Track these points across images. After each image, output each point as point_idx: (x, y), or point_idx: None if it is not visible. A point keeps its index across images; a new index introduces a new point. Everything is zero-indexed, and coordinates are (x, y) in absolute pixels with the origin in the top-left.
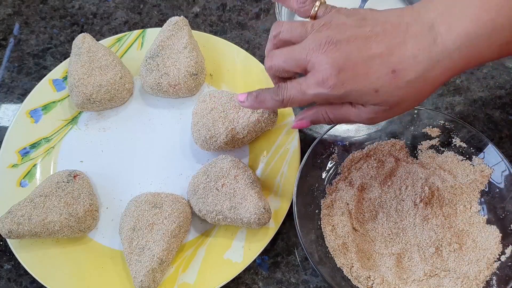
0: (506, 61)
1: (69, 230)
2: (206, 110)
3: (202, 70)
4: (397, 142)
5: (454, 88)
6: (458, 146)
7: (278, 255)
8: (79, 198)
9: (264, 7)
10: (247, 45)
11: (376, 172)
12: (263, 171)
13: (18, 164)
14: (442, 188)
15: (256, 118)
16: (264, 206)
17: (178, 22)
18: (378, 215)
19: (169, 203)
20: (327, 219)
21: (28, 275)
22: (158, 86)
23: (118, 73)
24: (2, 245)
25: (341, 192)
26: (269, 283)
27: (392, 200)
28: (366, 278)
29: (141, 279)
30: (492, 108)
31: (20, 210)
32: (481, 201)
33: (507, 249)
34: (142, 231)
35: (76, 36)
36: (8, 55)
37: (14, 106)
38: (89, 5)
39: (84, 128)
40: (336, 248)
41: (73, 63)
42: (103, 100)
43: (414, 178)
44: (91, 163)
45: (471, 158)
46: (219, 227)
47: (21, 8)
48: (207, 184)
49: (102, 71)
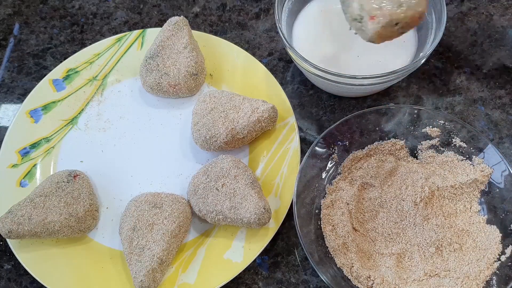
0: (506, 61)
1: (69, 230)
2: (206, 110)
3: (202, 70)
4: (397, 142)
5: (454, 88)
6: (458, 146)
7: (278, 255)
8: (79, 198)
9: (264, 7)
10: (247, 45)
11: (376, 172)
12: (263, 171)
13: (18, 164)
14: (442, 188)
15: (256, 118)
16: (264, 206)
17: (178, 22)
18: (378, 215)
19: (169, 203)
20: (327, 219)
21: (28, 275)
22: (158, 86)
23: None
24: (2, 245)
25: (341, 192)
26: (269, 283)
27: (392, 200)
28: (366, 278)
29: (141, 279)
30: (492, 108)
31: (20, 210)
32: (481, 201)
33: (507, 249)
34: (142, 231)
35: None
36: (8, 55)
37: (14, 106)
38: (89, 5)
39: (84, 128)
40: (336, 248)
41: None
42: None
43: (414, 178)
44: (91, 163)
45: (471, 158)
46: (219, 227)
47: (21, 8)
48: (207, 184)
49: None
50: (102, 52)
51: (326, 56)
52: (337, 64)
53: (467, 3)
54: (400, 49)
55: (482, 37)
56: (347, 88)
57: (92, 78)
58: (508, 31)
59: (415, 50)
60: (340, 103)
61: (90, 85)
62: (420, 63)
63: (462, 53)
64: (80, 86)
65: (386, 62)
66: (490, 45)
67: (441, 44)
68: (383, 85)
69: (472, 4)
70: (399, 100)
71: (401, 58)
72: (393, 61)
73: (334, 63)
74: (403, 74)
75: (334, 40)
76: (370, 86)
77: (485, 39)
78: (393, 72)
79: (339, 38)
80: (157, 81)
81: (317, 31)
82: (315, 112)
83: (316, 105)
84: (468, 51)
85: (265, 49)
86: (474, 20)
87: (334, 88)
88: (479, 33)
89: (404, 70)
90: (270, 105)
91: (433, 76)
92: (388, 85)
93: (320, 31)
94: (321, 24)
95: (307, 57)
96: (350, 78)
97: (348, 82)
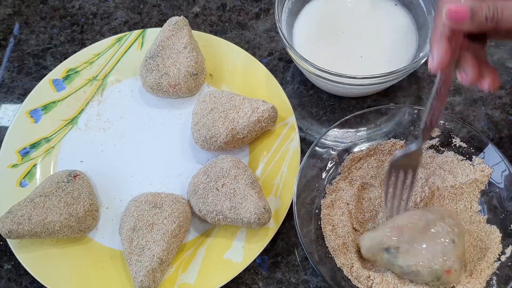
0: (506, 61)
1: (69, 230)
2: (206, 110)
3: (202, 70)
4: (397, 142)
5: (454, 88)
6: (458, 146)
7: (278, 255)
8: (79, 198)
9: (264, 7)
10: (247, 45)
11: (376, 172)
12: (263, 171)
13: (18, 164)
14: (442, 188)
15: (256, 118)
16: (264, 206)
17: (178, 22)
18: (378, 215)
19: (169, 203)
20: (327, 219)
21: (28, 275)
22: (158, 86)
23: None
24: (2, 245)
25: (341, 192)
26: (269, 283)
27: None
28: (366, 278)
29: (141, 279)
30: (492, 108)
31: (20, 210)
32: (481, 201)
33: (507, 249)
34: (142, 231)
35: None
36: (8, 55)
37: (14, 106)
38: (89, 5)
39: (84, 128)
40: (336, 248)
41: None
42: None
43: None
44: (91, 163)
45: (471, 158)
46: (219, 227)
47: (21, 8)
48: (207, 184)
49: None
50: (102, 52)
51: (326, 56)
52: (337, 64)
53: None
54: (400, 49)
55: None
56: (347, 88)
57: (92, 78)
58: None
59: (415, 50)
60: (340, 103)
61: (90, 85)
62: (420, 63)
63: None
64: (80, 86)
65: (386, 62)
66: (490, 45)
67: None
68: (383, 85)
69: None
70: (399, 100)
71: (401, 58)
72: (393, 61)
73: (334, 63)
74: (403, 74)
75: (334, 40)
76: (370, 86)
77: None
78: (393, 72)
79: (339, 38)
80: (157, 81)
81: (317, 31)
82: (315, 112)
83: (316, 105)
84: None
85: (265, 49)
86: None
87: (334, 88)
88: None
89: (404, 70)
90: (270, 105)
91: (433, 76)
92: (388, 85)
93: (320, 31)
94: (321, 24)
95: (307, 57)
96: (350, 78)
97: (348, 82)
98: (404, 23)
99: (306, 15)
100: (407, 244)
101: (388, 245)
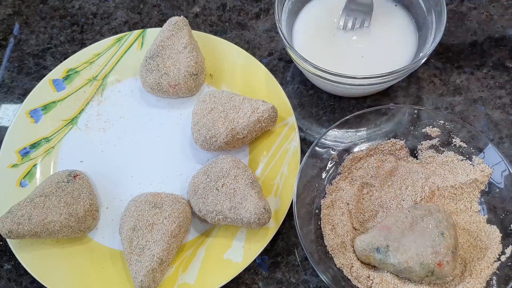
0: (506, 61)
1: (69, 230)
2: (206, 110)
3: (202, 70)
4: (397, 142)
5: (454, 88)
6: (458, 146)
7: (278, 255)
8: (79, 198)
9: (264, 7)
10: (247, 45)
11: (376, 172)
12: (263, 171)
13: (18, 164)
14: (442, 188)
15: (256, 118)
16: (264, 206)
17: (178, 22)
18: (378, 215)
19: (169, 203)
20: (327, 219)
21: (28, 275)
22: (158, 86)
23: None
24: (2, 245)
25: (341, 192)
26: (269, 283)
27: (392, 200)
28: (365, 278)
29: (141, 279)
30: (492, 108)
31: (20, 210)
32: (481, 201)
33: (507, 249)
34: (142, 231)
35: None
36: (8, 55)
37: (14, 106)
38: (89, 5)
39: (84, 128)
40: (336, 247)
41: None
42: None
43: (414, 178)
44: (91, 163)
45: (471, 158)
46: (219, 227)
47: (21, 8)
48: (207, 184)
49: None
50: (102, 52)
51: (326, 56)
52: (337, 64)
53: (467, 3)
54: (400, 49)
55: (482, 37)
56: (347, 88)
57: (92, 78)
58: (508, 31)
59: (415, 50)
60: (340, 103)
61: (90, 85)
62: (420, 63)
63: (462, 53)
64: (80, 86)
65: (386, 62)
66: (490, 45)
67: (441, 44)
68: (383, 85)
69: (472, 4)
70: (399, 100)
71: (401, 58)
72: (393, 61)
73: (333, 63)
74: (403, 74)
75: (333, 40)
76: (370, 86)
77: (485, 39)
78: (393, 72)
79: (339, 38)
80: (157, 81)
81: (317, 31)
82: (315, 112)
83: (316, 105)
84: (468, 51)
85: (265, 49)
86: (474, 20)
87: (334, 88)
88: (479, 33)
89: (404, 70)
90: (270, 105)
91: (433, 76)
92: (388, 85)
93: (320, 31)
94: (321, 24)
95: (307, 57)
96: (350, 78)
97: (348, 82)
98: (404, 23)
99: (306, 15)
100: (396, 242)
101: (378, 245)
